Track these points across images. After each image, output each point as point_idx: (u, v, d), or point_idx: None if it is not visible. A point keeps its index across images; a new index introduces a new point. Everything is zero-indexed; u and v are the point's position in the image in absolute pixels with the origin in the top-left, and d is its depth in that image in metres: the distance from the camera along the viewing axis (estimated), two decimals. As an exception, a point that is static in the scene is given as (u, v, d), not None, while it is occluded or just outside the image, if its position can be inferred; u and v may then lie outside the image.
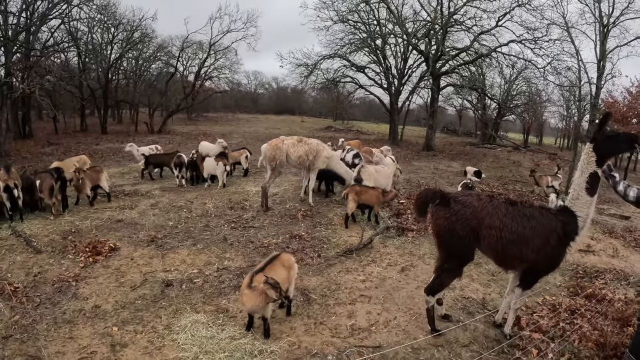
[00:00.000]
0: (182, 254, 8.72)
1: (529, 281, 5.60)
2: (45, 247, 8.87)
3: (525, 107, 40.34)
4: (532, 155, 32.21)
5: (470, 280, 7.84)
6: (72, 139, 29.99)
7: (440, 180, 18.00)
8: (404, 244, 9.69)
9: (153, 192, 13.90)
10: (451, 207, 5.45)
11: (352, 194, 10.55)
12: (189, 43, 40.18)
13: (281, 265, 6.09)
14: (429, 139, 31.70)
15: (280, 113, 71.19)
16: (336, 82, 36.93)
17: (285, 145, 11.98)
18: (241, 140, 29.89)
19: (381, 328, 6.13)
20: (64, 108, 43.15)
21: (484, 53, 29.65)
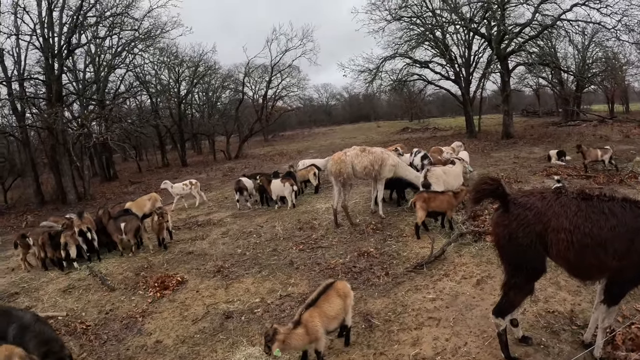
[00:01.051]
0: (247, 283, 8.72)
1: (614, 295, 4.66)
2: (119, 284, 9.35)
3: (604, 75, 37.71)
4: (620, 126, 29.90)
5: (557, 288, 6.90)
6: (153, 176, 31.23)
7: (521, 170, 16.84)
8: (482, 250, 8.88)
9: (225, 220, 14.05)
10: (510, 212, 4.70)
11: (420, 202, 9.92)
12: (252, 68, 40.92)
13: (336, 294, 5.70)
14: (506, 126, 30.12)
15: (356, 121, 71.04)
16: (403, 82, 35.93)
17: (349, 157, 11.53)
18: (317, 155, 29.77)
19: (448, 357, 5.48)
20: (145, 147, 45.20)
21: (549, 24, 27.66)
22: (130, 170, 37.13)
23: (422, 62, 34.00)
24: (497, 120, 37.94)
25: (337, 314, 5.63)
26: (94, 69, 29.47)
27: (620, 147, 21.43)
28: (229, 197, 16.88)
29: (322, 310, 5.46)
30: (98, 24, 26.26)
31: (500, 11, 27.98)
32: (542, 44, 31.62)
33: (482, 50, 34.70)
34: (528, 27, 28.69)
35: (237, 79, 43.27)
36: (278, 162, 29.17)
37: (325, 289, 5.74)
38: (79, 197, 23.99)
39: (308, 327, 5.22)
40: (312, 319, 5.32)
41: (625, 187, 12.73)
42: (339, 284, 5.89)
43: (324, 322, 5.41)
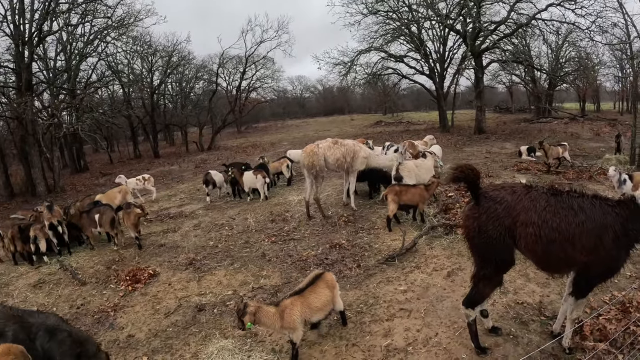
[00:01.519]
0: (219, 275, 8.63)
1: (582, 288, 4.73)
2: (90, 278, 9.15)
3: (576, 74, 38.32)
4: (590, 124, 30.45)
5: (526, 280, 6.97)
6: (125, 167, 30.81)
7: (492, 165, 16.99)
8: (453, 243, 8.91)
9: (197, 212, 13.91)
10: (481, 205, 4.72)
11: (392, 195, 9.91)
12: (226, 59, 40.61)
13: (325, 285, 5.74)
14: (479, 122, 30.37)
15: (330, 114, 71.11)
16: (378, 76, 36.08)
17: (322, 149, 11.42)
18: (290, 147, 29.67)
19: (419, 348, 5.49)
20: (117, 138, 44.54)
21: (524, 22, 28.03)
22: (101, 162, 36.55)
23: (397, 57, 34.14)
24: (470, 115, 38.34)
25: (323, 305, 5.63)
26: (65, 57, 28.70)
27: (590, 144, 21.85)
28: (201, 189, 16.72)
29: (306, 301, 5.45)
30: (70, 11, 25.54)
31: (476, 8, 28.19)
32: (517, 42, 32.06)
33: (457, 47, 35.07)
34: (503, 25, 29.02)
35: (211, 70, 42.95)
36: (251, 153, 28.99)
37: (314, 279, 5.73)
38: (49, 189, 23.46)
39: (284, 313, 5.21)
40: (291, 306, 5.30)
41: (595, 183, 12.95)
42: (328, 275, 5.88)
43: (305, 313, 5.40)
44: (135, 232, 10.78)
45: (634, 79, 19.73)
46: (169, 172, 25.71)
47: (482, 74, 31.40)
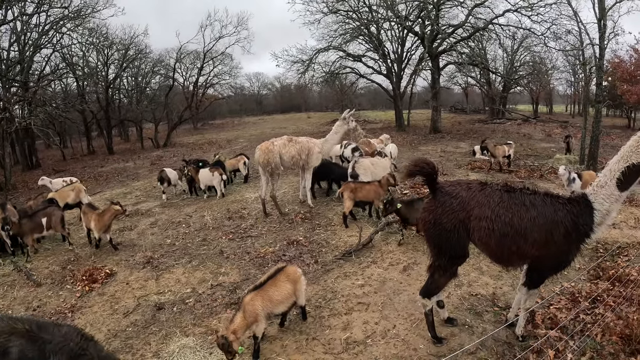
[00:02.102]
0: (177, 273, 8.49)
1: (535, 280, 4.91)
2: (45, 279, 8.84)
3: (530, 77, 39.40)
4: (542, 126, 31.35)
5: (480, 273, 7.18)
6: (78, 164, 29.98)
7: (447, 164, 17.30)
8: (408, 238, 9.03)
9: (153, 210, 13.66)
10: (437, 199, 4.84)
11: (348, 192, 9.99)
12: (184, 54, 40.04)
13: (286, 279, 5.73)
14: (434, 121, 30.86)
15: (287, 112, 70.86)
16: (335, 75, 36.22)
17: (277, 147, 11.37)
18: (246, 144, 29.59)
19: (378, 340, 5.57)
20: (70, 133, 43.28)
21: (481, 27, 28.70)
22: (54, 158, 35.31)
23: (355, 56, 34.35)
24: (426, 115, 38.87)
25: (284, 298, 5.62)
26: (19, 47, 27.72)
27: (542, 145, 22.51)
28: (157, 186, 16.50)
29: (266, 294, 5.43)
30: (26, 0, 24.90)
31: (435, 11, 28.63)
32: (473, 45, 32.72)
33: (415, 48, 35.48)
34: (460, 29, 29.64)
35: (168, 65, 41.93)
36: (207, 150, 28.60)
37: (275, 273, 5.72)
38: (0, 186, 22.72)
39: (246, 310, 5.19)
40: (252, 302, 5.28)
41: (545, 182, 13.36)
42: (290, 269, 5.88)
43: (266, 306, 5.39)
44: (102, 233, 10.07)
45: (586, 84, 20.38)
46: (124, 169, 25.17)
47: (438, 75, 31.91)
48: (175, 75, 41.60)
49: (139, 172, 23.33)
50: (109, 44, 36.39)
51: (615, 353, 4.77)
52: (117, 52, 37.61)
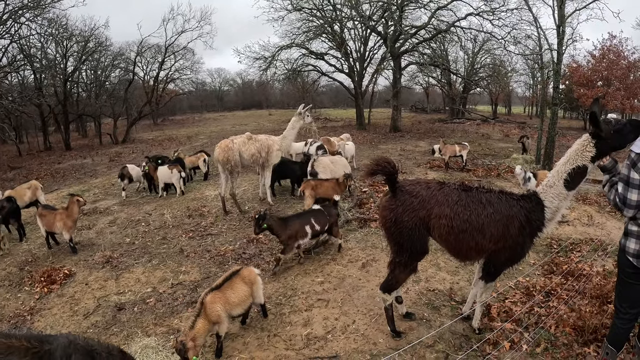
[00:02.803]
0: (137, 273, 8.34)
1: (491, 273, 5.04)
2: (3, 281, 8.52)
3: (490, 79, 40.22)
4: (501, 126, 32.02)
5: (437, 269, 7.30)
6: (35, 160, 29.08)
7: (406, 162, 17.51)
8: (367, 236, 9.17)
9: (112, 208, 13.31)
10: (397, 197, 4.90)
11: (309, 190, 10.08)
12: (145, 47, 39.35)
13: (241, 281, 5.69)
14: (395, 120, 31.26)
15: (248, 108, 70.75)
16: (297, 72, 36.22)
17: (236, 144, 11.29)
18: (207, 141, 29.34)
19: (338, 335, 5.61)
20: (26, 128, 42.09)
21: (443, 29, 29.19)
22: (9, 154, 34.13)
23: (318, 54, 34.48)
24: (386, 114, 39.26)
25: (241, 301, 5.60)
26: (-25, 37, 26.94)
27: (499, 144, 22.96)
28: (116, 183, 16.17)
29: (224, 296, 5.41)
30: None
31: (399, 12, 28.96)
32: (435, 47, 33.27)
33: (377, 47, 35.82)
34: (423, 30, 30.01)
35: (129, 58, 41.06)
36: (167, 147, 28.19)
37: (230, 275, 5.69)
38: (-50, 182, 21.89)
39: (207, 310, 5.16)
40: (212, 302, 5.26)
41: (502, 181, 13.65)
42: (245, 271, 5.83)
43: (226, 307, 5.37)
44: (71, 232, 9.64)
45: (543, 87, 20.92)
46: (82, 166, 24.53)
47: (400, 74, 32.26)
48: (136, 70, 40.68)
49: (97, 169, 22.81)
50: (69, 36, 35.37)
51: (569, 343, 4.92)
52: (77, 44, 36.57)
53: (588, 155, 4.31)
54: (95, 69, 40.82)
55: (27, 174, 22.46)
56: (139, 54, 39.67)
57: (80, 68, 38.09)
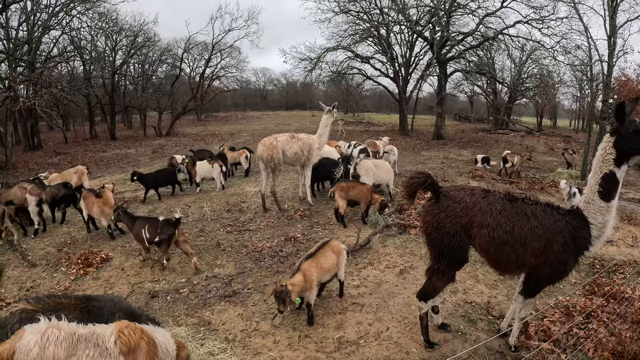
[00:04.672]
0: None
1: (531, 289, 4.92)
2: (40, 260, 8.80)
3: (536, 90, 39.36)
4: (546, 139, 31.32)
5: (475, 281, 7.18)
6: (80, 148, 29.88)
7: (448, 170, 17.33)
8: (405, 242, 9.09)
9: (152, 198, 13.55)
10: (441, 203, 4.84)
11: (339, 191, 10.09)
12: (192, 44, 39.99)
13: (331, 250, 6.41)
14: (438, 128, 30.98)
15: (291, 109, 70.85)
16: (342, 75, 36.16)
17: (280, 142, 11.35)
18: (249, 138, 29.56)
19: (371, 341, 5.58)
20: (73, 117, 43.21)
21: (491, 36, 28.79)
22: (56, 140, 35.12)
23: (363, 57, 34.35)
24: (429, 121, 38.86)
25: (330, 267, 6.27)
26: (28, 28, 27.73)
27: (544, 158, 22.50)
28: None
29: (318, 262, 5.98)
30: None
31: (446, 18, 28.68)
32: (482, 54, 32.67)
33: (423, 53, 35.44)
34: (470, 37, 29.63)
35: (176, 54, 41.93)
36: (210, 142, 28.52)
37: (322, 245, 6.45)
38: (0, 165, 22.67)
39: (306, 275, 5.73)
40: (309, 268, 5.93)
41: (546, 195, 13.35)
42: (334, 242, 6.62)
43: (318, 273, 5.90)
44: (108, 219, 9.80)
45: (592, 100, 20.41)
46: (125, 156, 25.10)
47: (445, 81, 31.94)
48: (183, 66, 41.54)
49: (140, 160, 23.26)
50: (118, 30, 36.44)
51: (607, 369, 4.77)
52: (126, 39, 37.75)
53: (610, 159, 4.23)
54: (142, 63, 41.74)
55: (71, 160, 23.23)
56: (186, 50, 40.40)
57: (128, 61, 39.17)
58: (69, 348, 3.45)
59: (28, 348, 3.37)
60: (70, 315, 4.04)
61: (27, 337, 3.43)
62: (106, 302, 4.61)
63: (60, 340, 3.46)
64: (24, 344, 3.39)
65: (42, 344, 3.41)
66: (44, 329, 3.49)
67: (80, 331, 3.59)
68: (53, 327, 3.53)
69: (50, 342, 3.43)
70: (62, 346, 3.44)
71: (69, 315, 3.98)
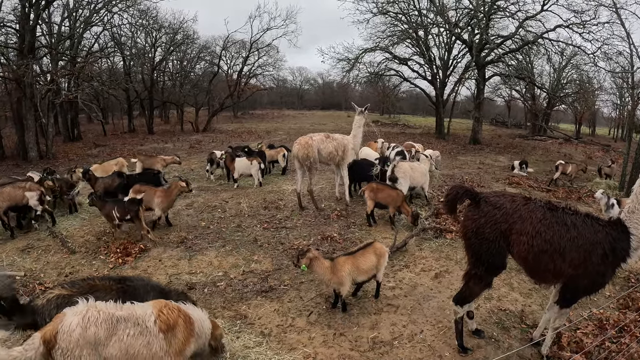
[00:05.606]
0: (210, 256, 8.69)
1: (568, 299, 4.95)
2: (80, 247, 9.11)
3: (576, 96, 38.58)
4: (584, 147, 30.76)
5: (510, 289, 7.23)
6: (118, 140, 30.54)
7: (485, 176, 17.23)
8: (441, 246, 9.17)
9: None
10: (481, 208, 4.93)
11: (369, 191, 10.25)
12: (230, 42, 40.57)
13: (373, 252, 6.53)
14: (475, 132, 30.67)
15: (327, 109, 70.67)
16: (380, 76, 36.04)
17: (315, 141, 11.50)
18: (285, 137, 29.77)
19: (405, 342, 5.70)
20: (112, 110, 44.17)
21: (530, 40, 28.31)
22: (95, 133, 35.90)
23: (401, 59, 34.20)
24: (466, 125, 38.54)
25: (368, 269, 6.43)
26: (70, 23, 28.54)
27: (582, 167, 22.08)
28: (195, 169, 16.77)
29: (356, 261, 6.18)
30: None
31: (485, 20, 28.37)
32: (521, 58, 32.08)
33: (462, 56, 35.02)
34: (509, 40, 29.29)
35: (214, 52, 42.57)
36: (246, 139, 28.77)
37: (365, 245, 6.64)
38: (41, 155, 23.17)
39: (336, 268, 5.97)
40: (343, 264, 6.15)
41: (583, 205, 13.21)
42: (377, 244, 6.74)
43: (353, 272, 6.14)
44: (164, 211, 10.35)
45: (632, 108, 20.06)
46: (163, 150, 25.46)
47: (483, 85, 31.66)
48: (220, 63, 42.05)
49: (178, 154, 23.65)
50: (158, 27, 37.21)
51: (637, 384, 4.80)
52: (165, 36, 38.58)
53: None
54: (181, 59, 42.48)
55: (110, 152, 23.85)
56: (225, 48, 41.03)
57: (167, 58, 40.00)
58: (109, 328, 3.70)
59: (70, 329, 3.61)
60: (107, 297, 4.34)
61: (69, 319, 3.68)
62: (139, 282, 5.09)
63: (101, 321, 3.71)
64: (66, 326, 3.63)
65: (84, 325, 3.66)
66: (84, 311, 3.76)
67: (120, 312, 3.84)
68: (92, 309, 3.79)
69: (90, 323, 3.68)
70: (103, 327, 3.69)
71: (106, 297, 4.30)
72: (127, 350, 3.74)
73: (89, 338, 3.62)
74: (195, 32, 41.57)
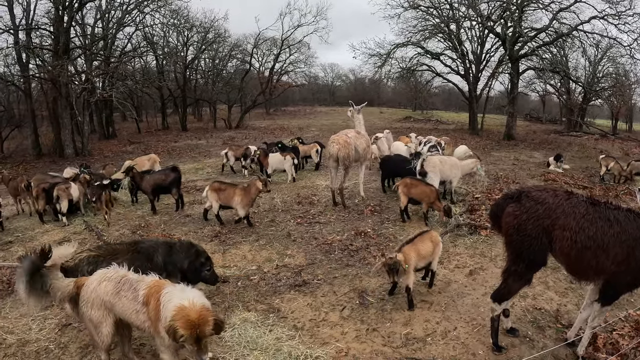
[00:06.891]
0: (244, 250, 8.84)
1: (609, 297, 4.86)
2: (115, 240, 9.27)
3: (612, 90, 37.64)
4: (621, 143, 30.03)
5: (545, 287, 7.14)
6: (152, 138, 31.14)
7: (520, 172, 17.04)
8: (476, 243, 9.12)
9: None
10: (522, 204, 4.90)
11: (402, 187, 10.29)
12: (261, 40, 41.06)
13: (429, 239, 6.82)
14: (509, 128, 30.26)
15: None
16: (412, 71, 35.88)
17: (352, 139, 11.55)
18: (318, 133, 29.91)
19: (438, 339, 5.70)
20: (146, 108, 44.96)
21: (565, 32, 27.66)
22: (129, 130, 36.66)
23: (433, 54, 33.86)
24: (500, 120, 38.00)
25: (427, 254, 6.67)
26: (103, 24, 29.22)
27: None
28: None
29: (417, 248, 6.41)
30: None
31: (518, 13, 27.90)
32: (555, 51, 31.44)
33: (495, 50, 34.50)
34: (543, 33, 28.72)
35: (245, 50, 43.16)
36: (278, 135, 28.96)
37: (420, 233, 6.92)
38: (77, 152, 23.88)
39: (405, 257, 6.26)
40: (409, 252, 6.40)
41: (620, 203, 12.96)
42: (433, 232, 7.06)
43: (416, 258, 6.45)
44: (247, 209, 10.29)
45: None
46: (196, 146, 26.01)
47: (517, 80, 31.09)
48: (252, 60, 42.65)
49: (211, 150, 24.00)
50: (190, 26, 37.96)
51: (674, 388, 4.72)
52: (197, 35, 39.37)
53: None
54: (213, 58, 43.05)
55: (145, 149, 24.44)
56: (256, 46, 41.70)
57: (199, 56, 40.74)
58: (116, 286, 4.52)
59: (91, 282, 4.64)
60: (125, 257, 5.36)
61: (94, 277, 4.69)
62: (150, 243, 6.04)
63: (112, 280, 4.59)
64: (91, 280, 4.66)
65: (100, 280, 4.60)
66: (106, 272, 4.70)
67: (130, 276, 4.63)
68: (112, 271, 4.71)
69: (104, 279, 4.59)
70: (112, 284, 4.55)
71: (124, 257, 5.33)
72: None
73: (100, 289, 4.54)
74: (227, 31, 42.20)
